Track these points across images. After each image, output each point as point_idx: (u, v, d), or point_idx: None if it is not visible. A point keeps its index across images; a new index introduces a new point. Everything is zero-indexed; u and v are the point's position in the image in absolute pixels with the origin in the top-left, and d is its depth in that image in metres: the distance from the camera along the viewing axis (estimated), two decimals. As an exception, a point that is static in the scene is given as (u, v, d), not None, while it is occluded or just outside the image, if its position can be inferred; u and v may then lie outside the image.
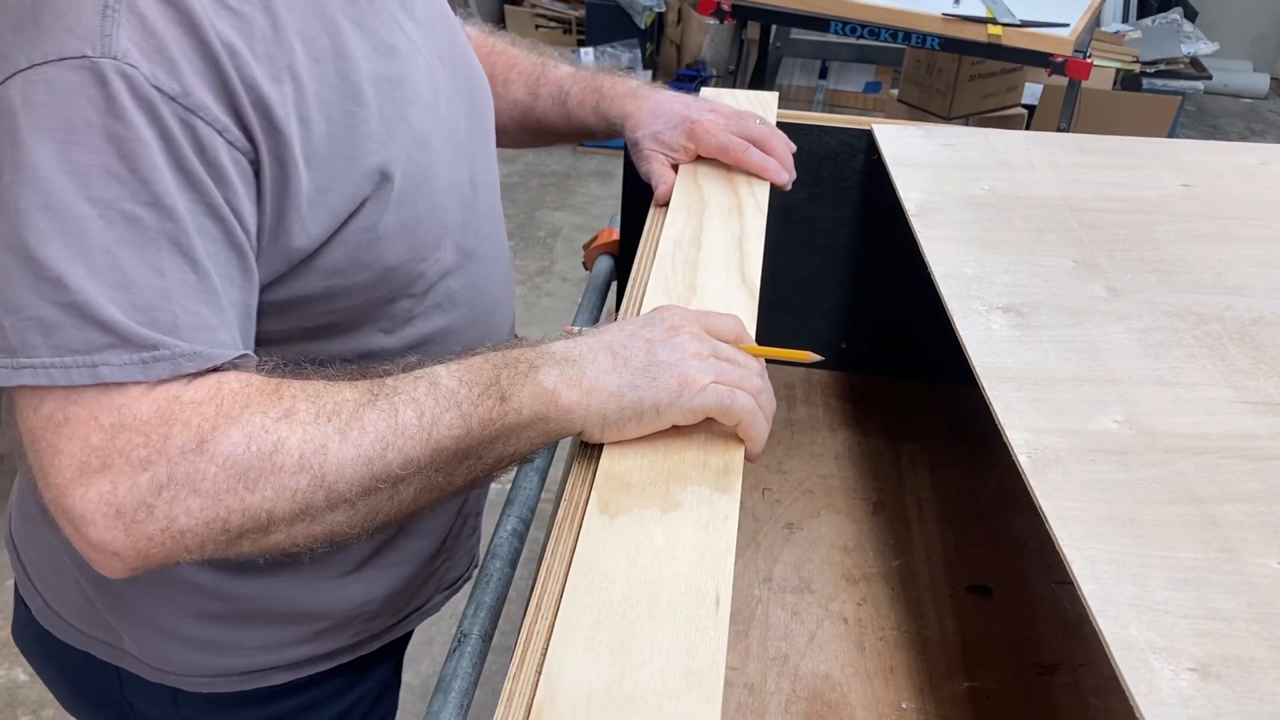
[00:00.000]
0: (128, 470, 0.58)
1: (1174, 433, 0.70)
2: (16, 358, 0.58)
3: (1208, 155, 1.16)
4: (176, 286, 0.61)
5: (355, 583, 0.89)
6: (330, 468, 0.61)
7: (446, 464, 0.65)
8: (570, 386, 0.66)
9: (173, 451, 0.59)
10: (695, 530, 0.62)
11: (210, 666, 0.86)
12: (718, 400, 0.68)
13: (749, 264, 0.89)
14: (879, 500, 1.13)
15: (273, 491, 0.60)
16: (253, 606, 0.85)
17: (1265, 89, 5.59)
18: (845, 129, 1.20)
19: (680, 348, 0.69)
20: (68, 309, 0.58)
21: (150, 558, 0.60)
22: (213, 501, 0.59)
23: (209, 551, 0.62)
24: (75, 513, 0.59)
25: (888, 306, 1.29)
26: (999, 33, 2.92)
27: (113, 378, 0.59)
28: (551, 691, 0.52)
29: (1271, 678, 0.53)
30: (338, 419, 0.62)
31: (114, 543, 0.59)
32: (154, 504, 0.59)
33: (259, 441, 0.60)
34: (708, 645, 0.55)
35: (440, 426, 0.64)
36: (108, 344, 0.59)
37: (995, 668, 0.93)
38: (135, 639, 0.85)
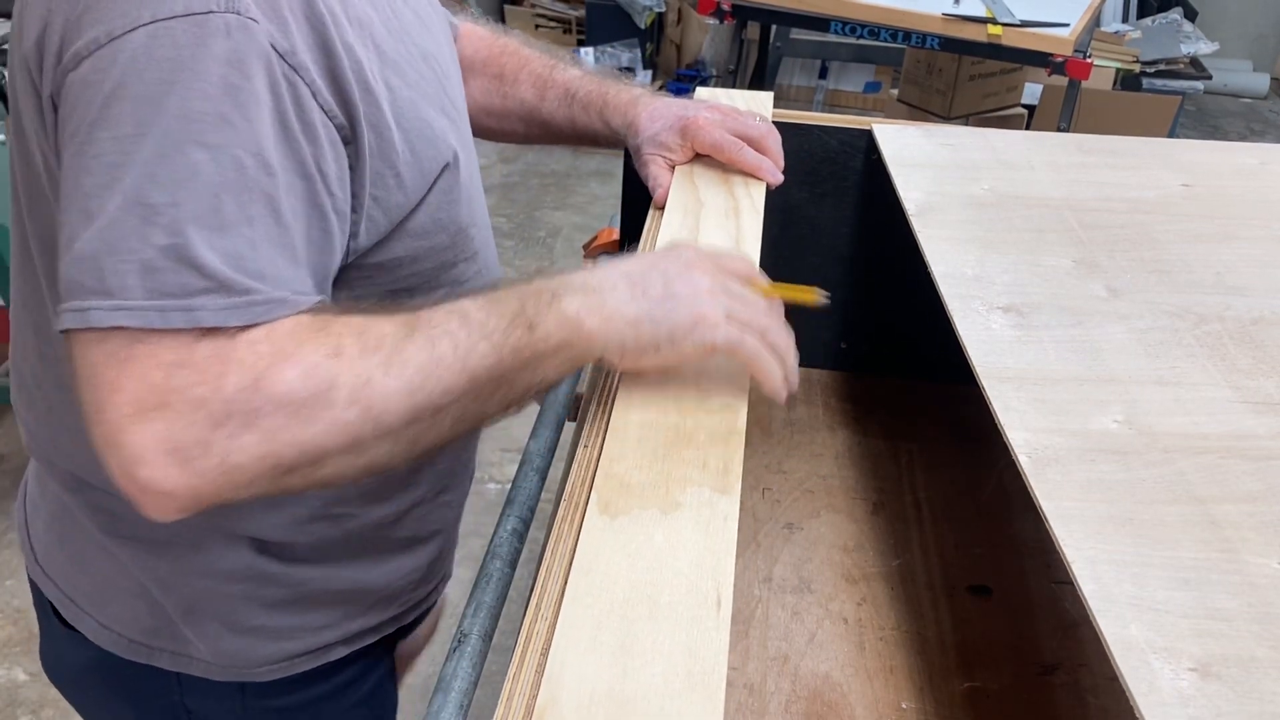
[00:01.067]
0: (185, 409, 0.59)
1: (1174, 433, 0.70)
2: (114, 299, 0.59)
3: (1208, 155, 1.16)
4: (262, 237, 0.63)
5: (403, 555, 0.94)
6: (377, 400, 0.63)
7: (481, 392, 0.68)
8: (591, 313, 0.70)
9: (229, 390, 0.60)
10: (696, 531, 0.62)
11: (279, 652, 0.90)
12: (727, 338, 0.71)
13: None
14: (879, 500, 1.13)
15: (325, 426, 0.62)
16: (317, 589, 0.89)
17: (1265, 89, 5.59)
18: (845, 129, 1.20)
19: (695, 283, 0.72)
20: (168, 253, 0.60)
21: (201, 496, 0.61)
22: (268, 438, 0.61)
23: (258, 489, 0.63)
24: (129, 452, 0.59)
25: (888, 306, 1.29)
26: (999, 33, 2.92)
27: (209, 322, 0.60)
28: (554, 693, 0.52)
29: (1271, 678, 0.53)
30: (380, 353, 0.64)
31: (167, 481, 0.60)
32: (210, 441, 0.60)
33: (311, 379, 0.62)
34: (709, 646, 0.55)
35: (474, 356, 0.67)
36: (204, 289, 0.60)
37: (995, 668, 0.93)
38: (207, 641, 0.87)
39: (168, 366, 0.59)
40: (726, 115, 1.03)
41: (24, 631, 2.10)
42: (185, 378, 0.59)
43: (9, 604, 2.16)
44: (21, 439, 0.87)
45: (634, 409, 0.72)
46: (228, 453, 0.60)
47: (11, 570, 2.24)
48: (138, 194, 0.59)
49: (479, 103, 1.08)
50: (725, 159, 1.02)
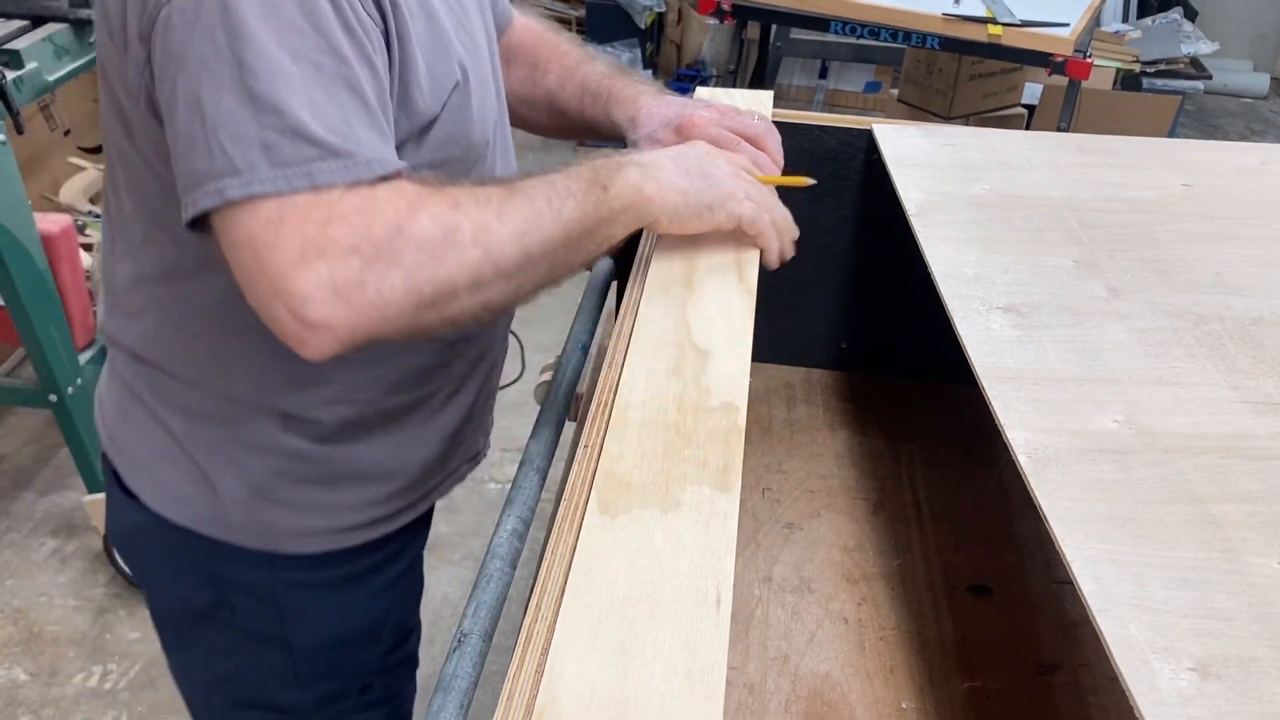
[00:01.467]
0: (340, 254, 0.70)
1: (1174, 433, 0.70)
2: (243, 176, 0.70)
3: (1208, 155, 1.16)
4: (353, 115, 0.74)
5: (416, 445, 1.02)
6: (494, 243, 0.76)
7: (571, 243, 0.81)
8: (649, 181, 0.85)
9: (376, 235, 0.71)
10: (695, 530, 0.62)
11: (305, 527, 0.99)
12: (750, 211, 0.89)
13: (746, 264, 0.89)
14: (879, 500, 1.13)
15: (455, 264, 0.75)
16: (339, 469, 0.98)
17: (1265, 89, 5.59)
18: (845, 129, 1.20)
19: (721, 167, 0.90)
20: (283, 132, 0.71)
21: (357, 330, 0.72)
22: (411, 274, 0.72)
23: (403, 323, 0.74)
24: (298, 294, 0.70)
25: (888, 306, 1.29)
26: (999, 33, 2.92)
27: (324, 180, 0.71)
28: (554, 693, 0.52)
29: (1271, 678, 0.53)
30: (492, 206, 0.77)
31: (331, 316, 0.71)
32: (365, 279, 0.71)
33: (441, 224, 0.74)
34: (709, 645, 0.55)
35: (565, 211, 0.80)
36: (317, 155, 0.71)
37: (995, 668, 0.93)
38: (240, 509, 0.96)
39: (320, 223, 0.70)
40: (724, 114, 1.05)
41: (24, 631, 2.10)
42: (338, 229, 0.71)
43: (9, 604, 2.16)
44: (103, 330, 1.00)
45: (633, 408, 0.72)
46: (380, 289, 0.71)
47: (12, 570, 2.24)
48: (244, 90, 0.70)
49: (516, 90, 1.16)
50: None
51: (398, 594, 1.09)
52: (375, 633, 1.07)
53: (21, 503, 2.42)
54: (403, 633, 1.11)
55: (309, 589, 1.02)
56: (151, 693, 1.99)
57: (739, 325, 0.82)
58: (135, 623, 2.13)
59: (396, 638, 1.10)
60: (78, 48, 2.13)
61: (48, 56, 2.05)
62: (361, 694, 1.09)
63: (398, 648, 1.11)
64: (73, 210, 2.66)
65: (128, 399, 0.98)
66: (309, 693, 1.05)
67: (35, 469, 2.52)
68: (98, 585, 2.21)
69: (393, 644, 1.10)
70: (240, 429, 0.94)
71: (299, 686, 1.05)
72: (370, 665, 1.08)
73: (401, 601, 1.10)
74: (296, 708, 1.06)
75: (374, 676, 1.09)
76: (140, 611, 2.15)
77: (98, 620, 2.13)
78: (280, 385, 0.92)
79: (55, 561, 2.26)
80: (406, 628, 1.12)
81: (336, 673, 1.06)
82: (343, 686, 1.07)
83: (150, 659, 2.05)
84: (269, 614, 1.01)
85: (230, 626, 1.02)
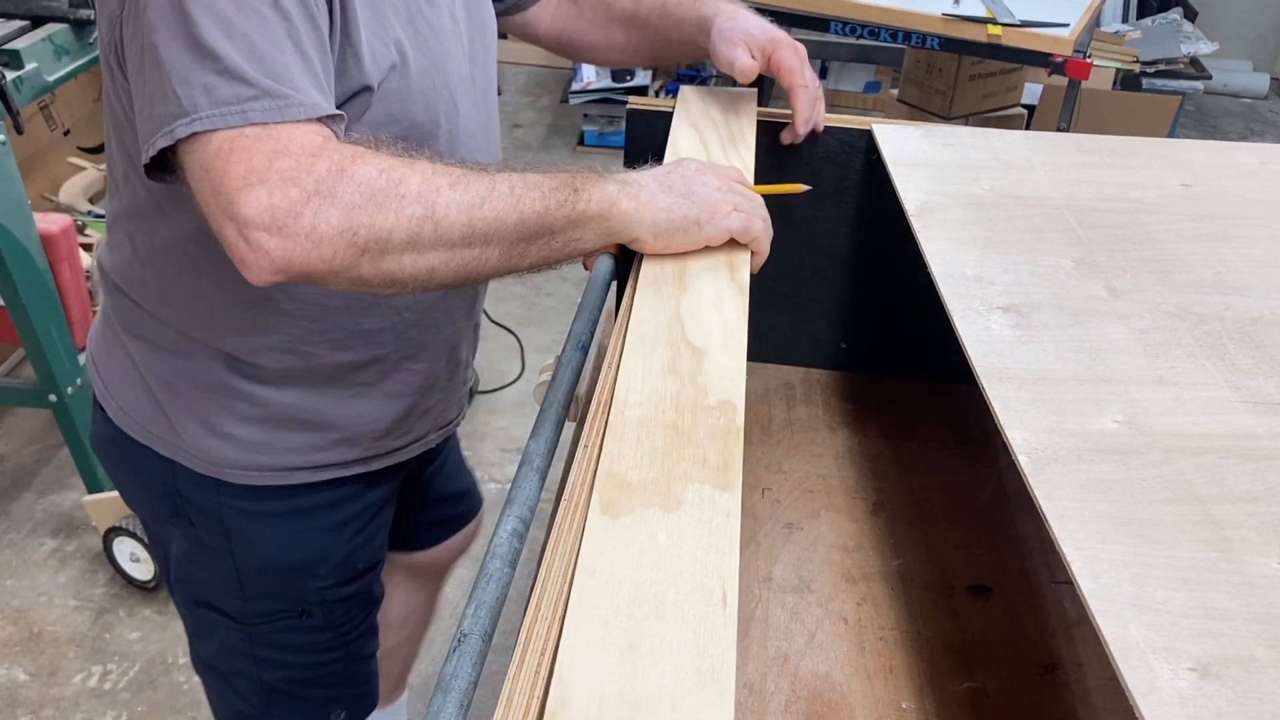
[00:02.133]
0: (281, 184, 0.75)
1: (1174, 433, 0.70)
2: (189, 116, 0.76)
3: (1208, 155, 1.16)
4: (292, 63, 0.79)
5: (365, 402, 1.08)
6: (440, 206, 0.79)
7: (526, 234, 0.83)
8: (629, 198, 0.87)
9: (319, 173, 0.76)
10: (698, 529, 0.62)
11: (247, 462, 1.05)
12: (740, 223, 0.90)
13: (738, 262, 0.89)
14: (879, 500, 1.13)
15: (394, 215, 0.77)
16: (283, 413, 1.04)
17: (1265, 89, 5.59)
18: (845, 129, 1.20)
19: (707, 184, 0.91)
20: (223, 74, 0.76)
21: (292, 260, 0.76)
22: (348, 214, 0.76)
23: (338, 264, 0.77)
24: (241, 216, 0.74)
25: (888, 306, 1.29)
26: (999, 33, 2.92)
27: (259, 118, 0.76)
28: (564, 694, 0.52)
29: (1271, 678, 0.53)
30: (449, 175, 0.80)
31: (268, 242, 0.75)
32: (301, 211, 0.75)
33: (388, 174, 0.78)
34: (717, 644, 0.55)
35: (526, 200, 0.82)
36: (251, 95, 0.76)
37: (995, 667, 0.93)
38: (189, 436, 1.04)
39: (268, 154, 0.75)
40: (804, 57, 1.13)
41: (24, 631, 2.10)
42: (283, 162, 0.75)
43: (9, 604, 2.16)
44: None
45: (631, 407, 0.72)
46: (315, 222, 0.75)
47: (11, 570, 2.24)
48: (190, 40, 0.77)
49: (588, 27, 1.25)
50: (786, 82, 1.12)
51: (345, 535, 1.14)
52: (312, 567, 1.13)
53: (21, 503, 2.42)
54: (348, 572, 1.16)
55: (250, 516, 1.08)
56: (151, 693, 1.99)
57: (733, 323, 0.82)
58: (135, 623, 2.13)
59: (341, 575, 1.15)
60: (78, 48, 2.13)
61: (48, 56, 2.05)
62: (300, 617, 1.15)
63: (343, 584, 1.16)
64: (73, 210, 2.66)
65: (104, 324, 1.09)
66: (252, 606, 1.13)
67: (35, 469, 2.52)
68: (98, 585, 2.21)
69: (336, 580, 1.15)
70: (191, 363, 1.02)
71: (244, 598, 1.13)
72: (308, 594, 1.14)
73: (349, 543, 1.15)
74: (241, 616, 1.14)
75: (313, 605, 1.15)
76: (140, 611, 2.15)
77: (98, 620, 2.13)
78: (229, 328, 0.99)
79: (55, 561, 2.26)
80: (354, 568, 1.17)
81: (275, 594, 1.13)
82: (281, 607, 1.14)
83: (150, 659, 2.05)
84: (217, 532, 1.09)
85: (188, 535, 1.11)
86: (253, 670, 1.18)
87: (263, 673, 1.18)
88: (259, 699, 1.20)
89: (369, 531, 1.18)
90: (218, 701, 1.25)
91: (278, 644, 1.17)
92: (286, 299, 0.98)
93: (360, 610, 1.21)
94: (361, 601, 1.21)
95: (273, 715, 1.21)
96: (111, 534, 2.15)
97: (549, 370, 1.17)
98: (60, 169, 2.95)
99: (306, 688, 1.21)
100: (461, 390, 1.23)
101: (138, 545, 2.13)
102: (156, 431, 1.06)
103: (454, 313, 1.12)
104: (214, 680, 1.22)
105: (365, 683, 1.28)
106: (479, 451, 2.65)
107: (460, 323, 1.14)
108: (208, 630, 1.18)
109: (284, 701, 1.21)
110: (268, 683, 1.19)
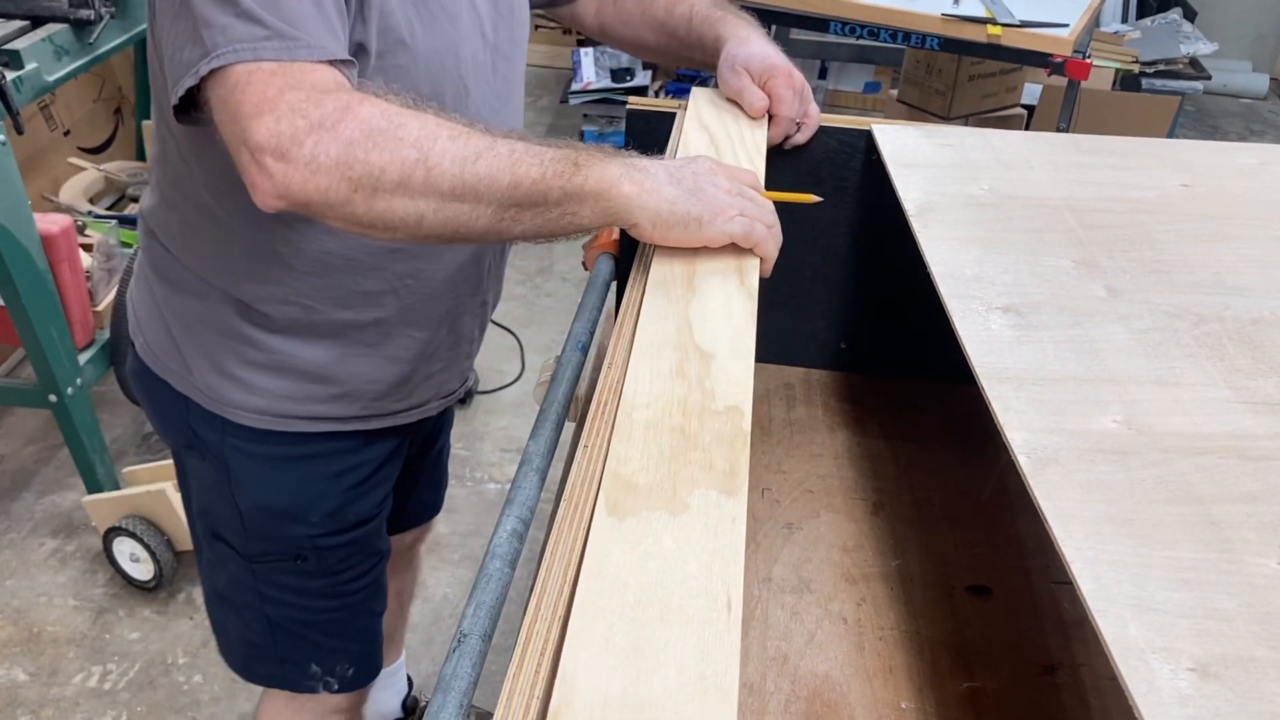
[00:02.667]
0: (289, 114, 0.80)
1: (1174, 433, 0.71)
2: (209, 54, 0.83)
3: (1207, 155, 1.16)
4: (308, 11, 0.85)
5: (366, 361, 1.13)
6: (434, 154, 0.82)
7: (520, 199, 0.84)
8: (632, 182, 0.86)
9: (326, 108, 0.81)
10: (704, 533, 0.62)
11: (251, 404, 1.12)
12: (743, 228, 0.88)
13: (747, 266, 0.89)
14: (879, 500, 1.13)
15: (389, 154, 0.81)
16: (287, 362, 1.10)
17: (1265, 89, 5.59)
18: (845, 129, 1.20)
19: (717, 184, 0.90)
20: (240, 16, 0.83)
21: (291, 185, 0.81)
22: (345, 148, 0.80)
23: (331, 197, 0.81)
24: (252, 141, 0.80)
25: (888, 306, 1.30)
26: (998, 33, 2.92)
27: (270, 55, 0.82)
28: (568, 695, 0.52)
29: (1271, 678, 0.53)
30: (450, 128, 0.84)
31: (272, 166, 0.80)
32: (304, 140, 0.80)
33: (389, 117, 0.82)
34: (721, 649, 0.55)
35: (522, 165, 0.84)
36: (264, 35, 0.83)
37: (995, 667, 0.93)
38: (201, 374, 1.12)
39: (280, 87, 0.81)
40: (799, 90, 1.17)
41: (24, 631, 2.10)
42: (294, 95, 0.81)
43: (9, 604, 2.16)
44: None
45: (638, 409, 0.72)
46: (314, 151, 0.80)
47: (11, 570, 2.24)
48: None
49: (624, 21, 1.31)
50: (773, 110, 1.16)
51: (338, 487, 1.19)
52: (303, 514, 1.18)
53: (21, 503, 2.42)
54: (340, 522, 1.21)
55: (249, 457, 1.15)
56: (151, 693, 1.99)
57: (742, 328, 0.81)
58: (135, 623, 2.13)
59: (333, 525, 1.20)
60: (78, 48, 2.13)
61: (48, 56, 2.05)
62: (295, 561, 1.21)
63: (335, 534, 1.21)
64: (73, 210, 2.66)
65: (139, 266, 1.18)
66: (253, 544, 1.19)
67: (35, 469, 2.52)
68: (98, 585, 2.21)
69: (328, 530, 1.20)
70: (206, 306, 1.09)
71: (245, 536, 1.19)
72: (301, 540, 1.19)
73: (341, 495, 1.20)
74: (244, 553, 1.20)
75: (307, 550, 1.20)
76: (140, 611, 2.15)
77: (98, 620, 2.13)
78: (241, 276, 1.06)
79: (55, 561, 2.27)
80: (346, 519, 1.21)
81: (269, 536, 1.19)
82: (277, 549, 1.20)
83: (150, 659, 2.05)
84: (220, 469, 1.16)
85: (202, 469, 1.19)
86: (258, 604, 1.24)
87: (267, 608, 1.24)
88: (266, 632, 1.26)
89: (364, 488, 1.22)
90: (232, 632, 1.30)
91: (277, 583, 1.22)
92: (292, 254, 1.04)
93: (358, 560, 1.26)
94: (358, 551, 1.25)
95: (279, 649, 1.27)
96: (111, 534, 2.15)
97: (549, 370, 1.17)
98: (60, 169, 2.95)
99: (310, 630, 1.26)
100: (465, 363, 1.27)
101: (138, 545, 2.13)
102: (173, 367, 1.14)
103: (458, 286, 1.16)
104: (226, 611, 1.28)
105: (372, 641, 1.33)
106: (479, 451, 2.65)
107: (465, 297, 1.18)
108: (220, 562, 1.24)
109: (288, 639, 1.26)
110: (272, 619, 1.25)
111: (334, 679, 1.30)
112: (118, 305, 2.25)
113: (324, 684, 1.30)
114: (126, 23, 2.28)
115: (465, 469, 2.57)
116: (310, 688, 1.29)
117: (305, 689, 1.30)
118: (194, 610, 2.16)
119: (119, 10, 2.23)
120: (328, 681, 1.30)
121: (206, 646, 2.08)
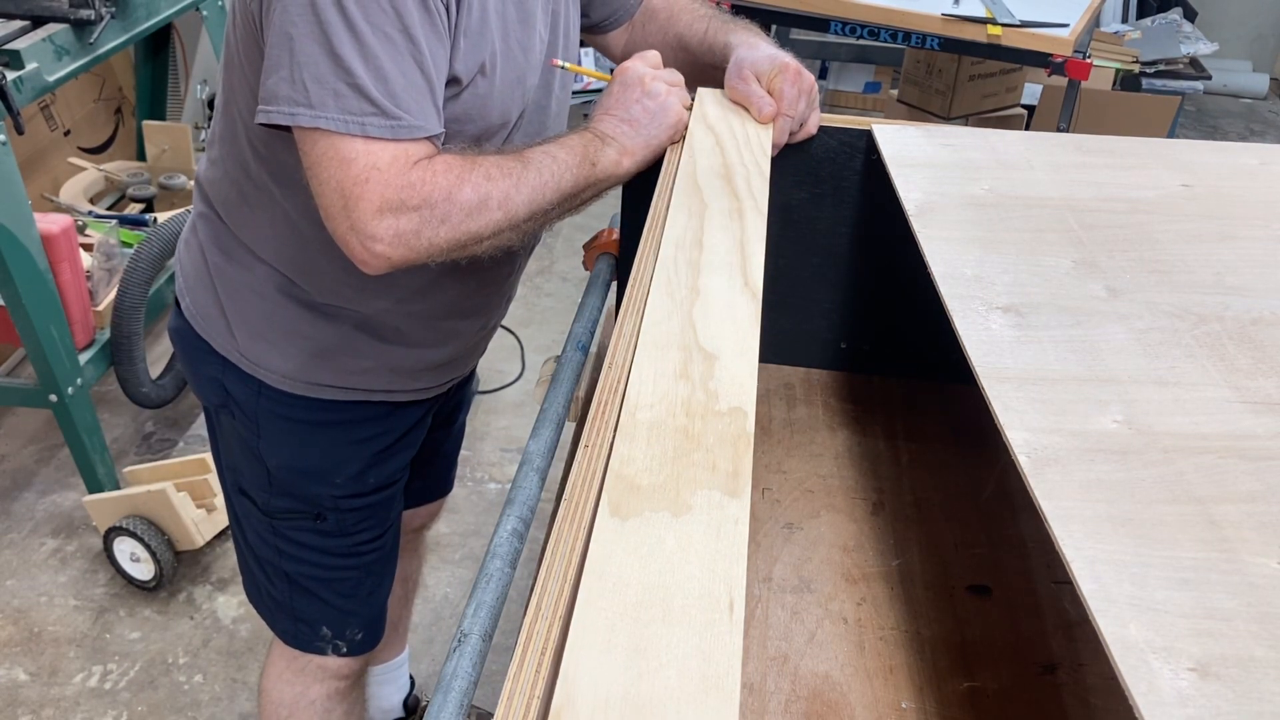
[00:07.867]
0: (408, 212, 0.98)
1: (1174, 433, 0.71)
2: (315, 110, 0.95)
3: (1207, 155, 1.16)
4: (411, 85, 0.97)
5: (397, 347, 1.24)
6: (512, 207, 1.03)
7: (563, 203, 1.09)
8: (624, 154, 1.12)
9: (434, 200, 0.98)
10: (707, 534, 0.62)
11: (285, 370, 1.22)
12: (678, 115, 1.13)
13: (751, 266, 0.89)
14: (879, 500, 1.13)
15: (484, 222, 1.02)
16: (323, 337, 1.21)
17: (1265, 89, 5.59)
18: (845, 129, 1.20)
19: (656, 94, 1.13)
20: (351, 87, 0.94)
21: (406, 262, 1.00)
22: (453, 229, 1.01)
23: (439, 260, 1.03)
24: (372, 235, 0.97)
25: (888, 306, 1.29)
26: (999, 33, 2.92)
27: (374, 133, 0.96)
28: (569, 695, 0.52)
29: (1271, 678, 0.53)
30: (511, 178, 1.03)
31: (391, 253, 0.99)
32: (422, 231, 0.99)
33: (478, 193, 1.01)
34: (723, 650, 0.55)
35: (564, 182, 1.07)
36: (372, 112, 0.95)
37: (995, 667, 0.93)
38: (241, 339, 1.22)
39: (397, 188, 0.96)
40: (805, 91, 1.19)
41: (24, 631, 2.10)
42: (408, 194, 0.97)
43: (9, 604, 2.16)
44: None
45: (641, 410, 0.72)
46: (432, 239, 1.00)
47: (12, 570, 2.24)
48: (328, 45, 0.94)
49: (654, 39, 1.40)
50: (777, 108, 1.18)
51: (364, 453, 1.29)
52: (329, 475, 1.28)
53: (22, 503, 2.42)
54: (361, 486, 1.31)
55: (280, 419, 1.25)
56: (151, 692, 1.99)
57: (745, 329, 0.81)
58: (135, 623, 2.13)
59: (354, 488, 1.30)
60: (78, 48, 2.13)
61: (48, 56, 2.05)
62: (315, 520, 1.30)
63: (355, 496, 1.31)
64: (73, 210, 2.66)
65: (191, 230, 1.27)
66: (276, 501, 1.29)
67: (35, 469, 2.52)
68: (98, 585, 2.21)
69: (349, 492, 1.30)
70: (253, 276, 1.19)
71: (271, 493, 1.28)
72: (323, 499, 1.29)
73: (364, 460, 1.30)
74: (268, 510, 1.30)
75: (327, 510, 1.30)
76: (140, 611, 2.15)
77: (98, 620, 2.13)
78: (288, 257, 1.17)
79: (55, 561, 2.27)
80: (366, 483, 1.31)
81: (293, 494, 1.28)
82: (299, 507, 1.29)
83: (150, 659, 2.05)
84: (251, 429, 1.25)
85: (233, 428, 1.28)
86: (276, 560, 1.33)
87: (284, 564, 1.33)
88: (284, 586, 1.35)
89: (387, 454, 1.32)
90: (255, 585, 1.39)
91: (295, 540, 1.31)
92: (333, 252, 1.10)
93: (374, 524, 1.35)
94: (374, 515, 1.34)
95: (295, 604, 1.36)
96: (111, 534, 2.15)
97: (549, 370, 1.17)
98: (60, 169, 2.95)
99: (323, 588, 1.35)
100: (484, 345, 1.41)
101: (138, 545, 2.13)
102: (216, 330, 1.23)
103: (490, 296, 1.30)
104: (253, 562, 1.37)
105: (379, 608, 1.42)
106: (479, 451, 2.65)
107: (493, 299, 1.31)
108: (246, 516, 1.33)
109: (304, 596, 1.35)
110: (289, 574, 1.34)
111: (343, 642, 1.38)
112: (118, 305, 2.25)
113: (333, 646, 1.38)
114: (127, 23, 2.29)
115: (465, 469, 2.57)
116: (320, 649, 1.38)
117: (315, 649, 1.38)
118: (194, 610, 2.16)
119: (119, 10, 2.23)
120: (336, 644, 1.38)
121: (207, 646, 2.08)
